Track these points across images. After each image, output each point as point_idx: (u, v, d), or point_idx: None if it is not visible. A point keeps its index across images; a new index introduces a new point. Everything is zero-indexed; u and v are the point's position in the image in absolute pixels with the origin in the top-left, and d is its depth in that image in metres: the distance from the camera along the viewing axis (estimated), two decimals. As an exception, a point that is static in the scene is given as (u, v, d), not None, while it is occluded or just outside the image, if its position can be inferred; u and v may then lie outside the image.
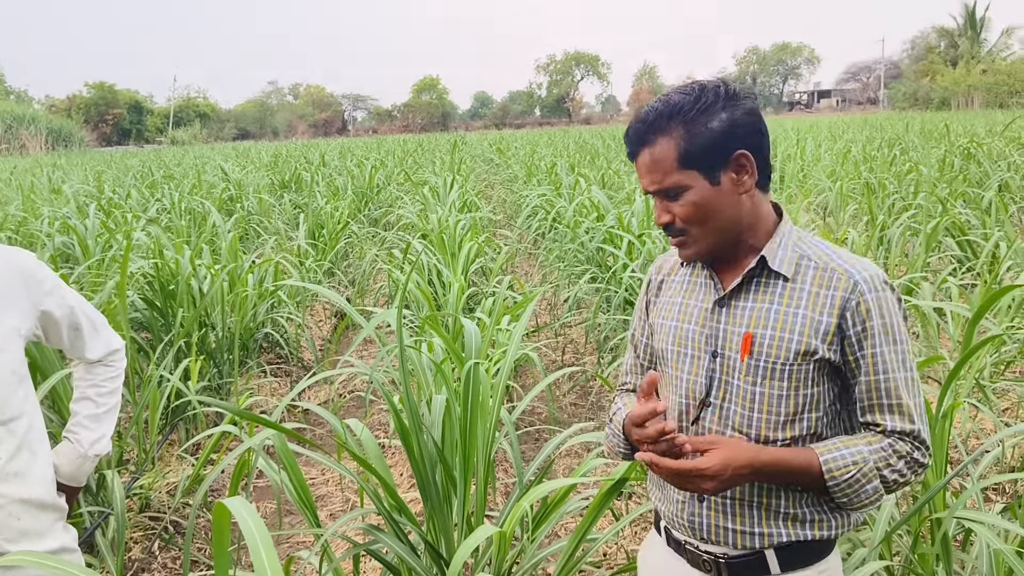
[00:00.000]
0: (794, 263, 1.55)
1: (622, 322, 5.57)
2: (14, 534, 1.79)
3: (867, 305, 1.48)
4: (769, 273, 1.57)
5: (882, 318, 1.49)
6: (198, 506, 2.63)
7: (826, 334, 1.50)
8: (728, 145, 1.51)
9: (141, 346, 5.09)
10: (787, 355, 1.51)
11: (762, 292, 1.57)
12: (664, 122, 1.51)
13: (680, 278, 1.75)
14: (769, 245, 1.57)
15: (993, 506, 3.62)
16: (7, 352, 1.79)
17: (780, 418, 1.54)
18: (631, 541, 3.59)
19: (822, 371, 1.53)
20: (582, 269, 7.03)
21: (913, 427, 1.50)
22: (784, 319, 1.53)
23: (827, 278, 1.52)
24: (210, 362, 5.23)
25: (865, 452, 1.49)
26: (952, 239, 7.35)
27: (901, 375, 1.50)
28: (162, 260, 5.22)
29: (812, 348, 1.50)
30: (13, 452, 1.78)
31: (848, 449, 1.49)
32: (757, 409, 1.55)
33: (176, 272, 5.17)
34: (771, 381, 1.53)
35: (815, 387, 1.53)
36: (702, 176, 1.52)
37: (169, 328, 5.12)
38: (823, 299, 1.51)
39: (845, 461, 1.48)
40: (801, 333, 1.51)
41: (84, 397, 2.07)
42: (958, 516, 2.38)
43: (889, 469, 1.49)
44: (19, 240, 7.79)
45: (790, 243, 1.57)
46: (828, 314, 1.50)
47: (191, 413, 4.67)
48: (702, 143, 1.50)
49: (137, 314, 5.33)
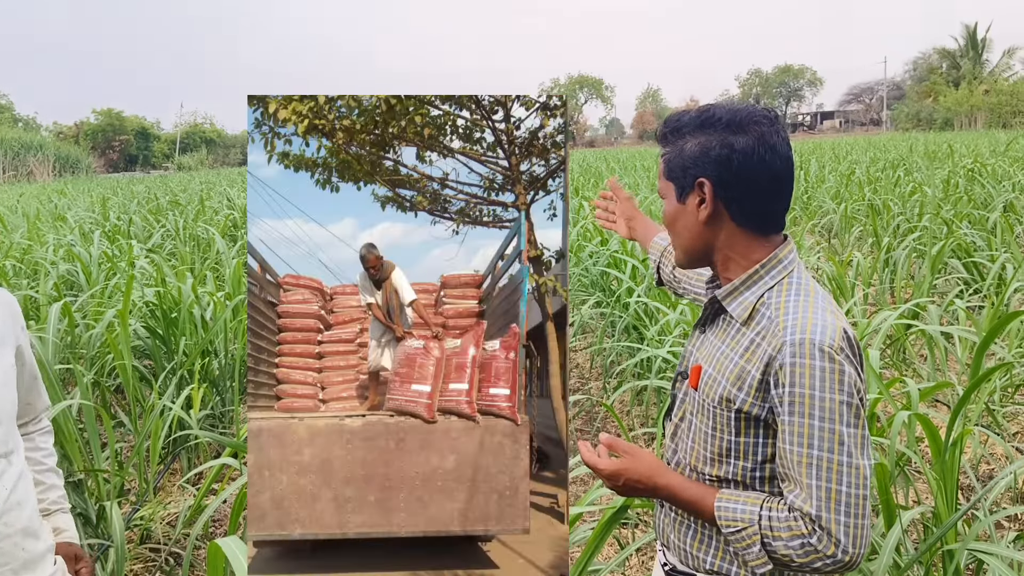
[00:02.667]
0: (750, 308, 1.51)
1: (627, 348, 5.53)
2: (19, 564, 1.80)
3: (786, 369, 1.39)
4: (728, 313, 1.57)
5: (798, 387, 1.38)
6: (197, 537, 2.59)
7: (750, 387, 1.45)
8: (694, 169, 1.52)
9: (143, 374, 5.07)
10: (714, 397, 1.51)
11: (721, 329, 1.58)
12: (668, 132, 1.60)
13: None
14: (730, 284, 1.55)
15: (1006, 534, 3.56)
16: (7, 387, 1.79)
17: (707, 454, 1.54)
18: (638, 570, 3.53)
19: (748, 423, 1.48)
20: (587, 293, 7.00)
21: (811, 511, 1.38)
22: (722, 361, 1.52)
23: (768, 330, 1.46)
24: (213, 390, 5.20)
25: (760, 514, 1.43)
26: (958, 261, 7.30)
27: (813, 452, 1.38)
28: (164, 288, 5.21)
29: (731, 397, 1.47)
30: (15, 482, 1.79)
31: (744, 505, 1.45)
32: (691, 439, 1.59)
33: (179, 300, 5.16)
34: (703, 418, 1.55)
35: (739, 436, 1.49)
36: (675, 190, 1.57)
37: (172, 356, 5.10)
38: (758, 351, 1.45)
39: (734, 515, 1.45)
40: (727, 379, 1.49)
41: (48, 469, 2.04)
42: (971, 548, 2.33)
43: (780, 542, 1.40)
44: (24, 268, 7.80)
45: (763, 286, 1.52)
46: (757, 368, 1.44)
47: (193, 443, 4.64)
48: (683, 160, 1.54)
49: (139, 342, 5.31)
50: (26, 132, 59.92)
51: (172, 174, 49.69)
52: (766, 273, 1.52)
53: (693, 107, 1.60)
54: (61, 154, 54.42)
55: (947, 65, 73.47)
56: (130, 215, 13.20)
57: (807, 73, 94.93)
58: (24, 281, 7.15)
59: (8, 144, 48.94)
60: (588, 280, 7.20)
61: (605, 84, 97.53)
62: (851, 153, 23.88)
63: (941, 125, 57.52)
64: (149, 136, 77.69)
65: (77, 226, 11.47)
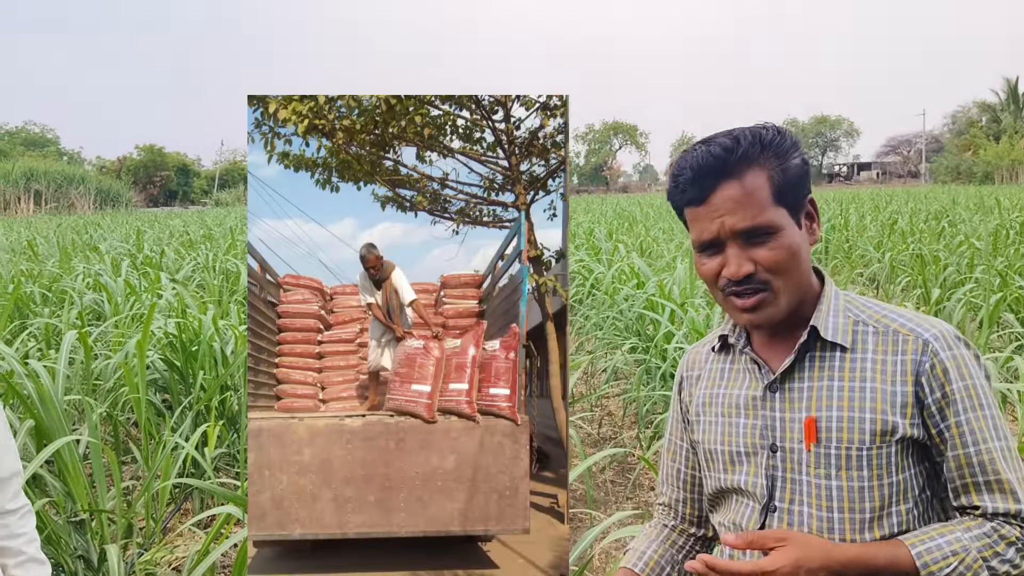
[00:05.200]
0: (850, 330, 1.32)
1: (663, 396, 5.25)
2: None
3: (944, 366, 1.25)
4: (824, 345, 1.32)
5: (963, 380, 1.25)
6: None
7: (904, 407, 1.25)
8: (806, 187, 1.32)
9: (159, 409, 4.89)
10: (862, 437, 1.26)
11: (819, 369, 1.32)
12: (757, 151, 1.28)
13: (716, 367, 1.50)
14: (817, 313, 1.33)
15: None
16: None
17: (865, 515, 1.27)
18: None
19: (907, 452, 1.27)
20: (622, 338, 6.74)
21: (1019, 506, 1.23)
22: (851, 396, 1.28)
23: (891, 342, 1.29)
24: (230, 428, 5.00)
25: (965, 539, 1.21)
26: (1012, 315, 6.94)
27: (996, 444, 1.25)
28: (184, 319, 5.05)
29: (891, 426, 1.25)
30: None
31: (944, 537, 1.21)
32: (836, 508, 1.28)
33: (199, 332, 4.99)
34: (848, 472, 1.27)
35: (900, 473, 1.27)
36: (791, 216, 1.30)
37: (189, 390, 4.92)
38: (892, 366, 1.27)
39: (943, 552, 1.19)
40: (874, 410, 1.26)
41: (29, 559, 1.67)
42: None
43: (998, 559, 1.21)
44: (51, 296, 7.73)
45: (840, 308, 1.34)
46: (901, 383, 1.26)
47: (206, 483, 4.42)
48: (792, 179, 1.29)
49: (157, 375, 5.15)
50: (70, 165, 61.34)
51: (210, 209, 50.47)
52: (829, 290, 1.37)
53: (752, 126, 1.33)
54: (103, 188, 55.66)
55: (987, 119, 72.85)
56: (162, 247, 13.23)
57: (844, 124, 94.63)
58: (49, 309, 7.06)
59: (51, 176, 50.14)
60: (623, 324, 6.94)
61: (640, 131, 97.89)
62: (891, 203, 23.49)
63: (981, 179, 56.76)
64: (189, 172, 79.28)
65: (109, 256, 11.47)
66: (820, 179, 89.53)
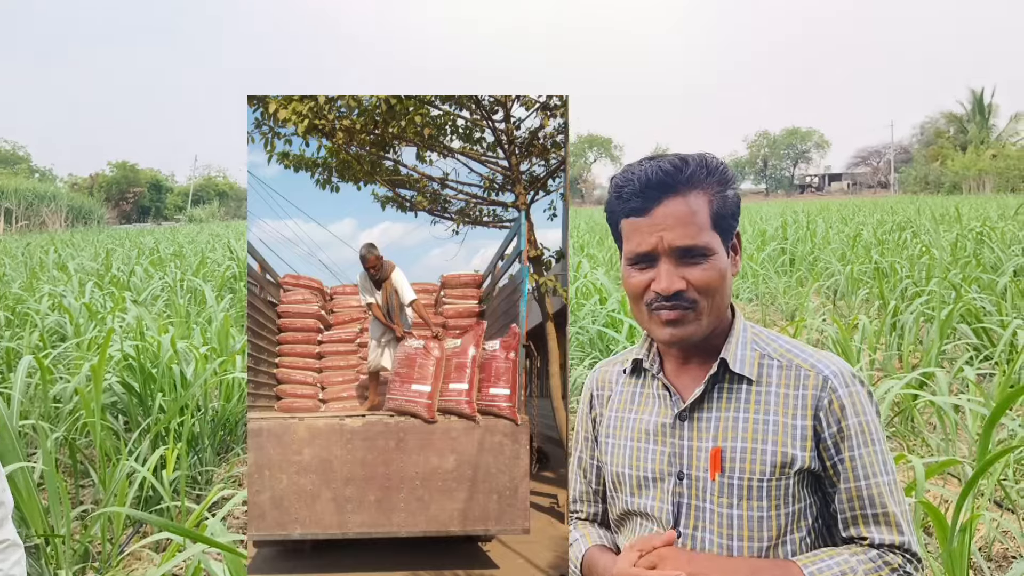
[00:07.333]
0: (756, 363, 1.38)
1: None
2: None
3: (841, 402, 1.32)
4: (732, 377, 1.39)
5: (857, 416, 1.33)
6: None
7: (804, 439, 1.33)
8: (737, 219, 1.39)
9: (118, 432, 4.88)
10: (763, 469, 1.33)
11: (727, 400, 1.39)
12: (703, 175, 1.35)
13: (626, 390, 1.54)
14: (728, 345, 1.40)
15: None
16: None
17: (763, 543, 1.34)
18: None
19: (803, 483, 1.35)
20: (583, 354, 6.82)
21: (903, 538, 1.32)
22: (755, 428, 1.35)
23: (794, 376, 1.36)
24: (190, 450, 5.00)
25: (853, 562, 1.29)
26: (967, 326, 7.09)
27: (884, 479, 1.33)
28: (143, 342, 5.05)
29: (790, 458, 1.32)
30: None
31: (834, 559, 1.30)
32: (737, 536, 1.34)
33: (158, 354, 5.00)
34: (748, 501, 1.33)
35: (796, 503, 1.34)
36: (723, 244, 1.38)
37: (148, 413, 4.92)
38: (794, 400, 1.34)
39: (832, 573, 1.28)
40: (775, 443, 1.33)
41: None
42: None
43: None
44: (14, 319, 7.67)
45: (748, 341, 1.41)
46: (802, 416, 1.33)
47: (164, 506, 4.43)
48: (729, 208, 1.37)
49: (116, 398, 5.14)
50: (40, 183, 60.63)
51: (183, 226, 50.05)
52: (739, 324, 1.43)
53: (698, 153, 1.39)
54: (75, 205, 54.97)
55: (954, 129, 73.96)
56: (132, 266, 13.15)
57: (815, 135, 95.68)
58: (10, 332, 7.01)
59: (22, 194, 49.47)
60: (586, 339, 7.02)
61: (614, 143, 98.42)
62: (858, 214, 23.82)
63: (949, 189, 57.60)
64: (162, 188, 78.54)
65: (77, 276, 11.38)
66: (792, 190, 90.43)
